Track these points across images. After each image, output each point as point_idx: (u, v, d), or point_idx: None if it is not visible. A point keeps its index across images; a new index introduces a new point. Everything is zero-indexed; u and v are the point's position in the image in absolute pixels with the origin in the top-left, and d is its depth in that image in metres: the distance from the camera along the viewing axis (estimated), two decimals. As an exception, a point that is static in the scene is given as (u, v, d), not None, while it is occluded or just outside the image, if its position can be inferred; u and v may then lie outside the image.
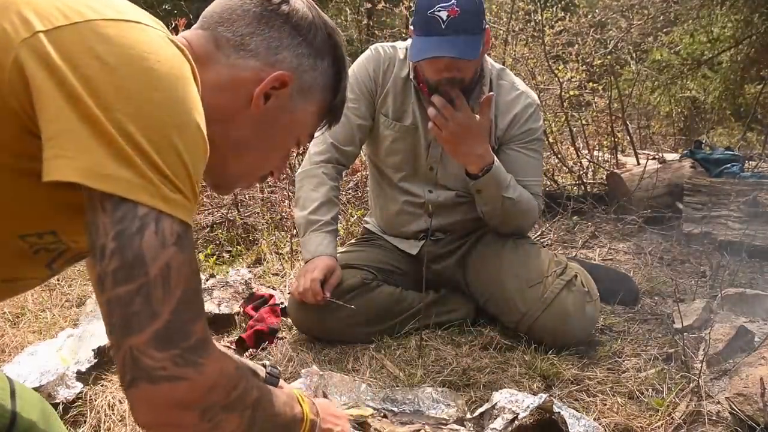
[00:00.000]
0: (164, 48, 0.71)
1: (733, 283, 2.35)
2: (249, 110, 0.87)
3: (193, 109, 0.71)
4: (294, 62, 0.88)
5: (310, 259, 1.89)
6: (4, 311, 2.19)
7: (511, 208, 1.91)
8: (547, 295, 1.85)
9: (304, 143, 1.00)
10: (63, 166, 0.64)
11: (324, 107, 0.95)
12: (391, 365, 1.78)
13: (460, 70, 1.78)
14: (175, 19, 3.30)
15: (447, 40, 1.72)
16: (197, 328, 0.69)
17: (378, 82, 1.98)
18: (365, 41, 8.29)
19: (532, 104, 1.98)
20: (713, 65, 5.99)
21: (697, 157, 3.55)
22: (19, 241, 0.75)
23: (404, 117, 1.98)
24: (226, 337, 2.00)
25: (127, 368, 0.66)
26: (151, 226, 0.66)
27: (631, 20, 5.50)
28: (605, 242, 3.07)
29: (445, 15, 1.71)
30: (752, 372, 1.48)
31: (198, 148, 0.71)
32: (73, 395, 1.56)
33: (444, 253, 2.10)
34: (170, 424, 0.70)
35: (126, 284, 0.65)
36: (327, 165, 2.00)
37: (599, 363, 1.79)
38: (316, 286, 1.81)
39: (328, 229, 1.93)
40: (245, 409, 0.77)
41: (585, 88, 4.64)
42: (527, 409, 1.34)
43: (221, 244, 3.04)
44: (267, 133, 0.90)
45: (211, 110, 0.82)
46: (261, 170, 0.97)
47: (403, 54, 1.97)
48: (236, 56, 0.86)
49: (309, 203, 1.95)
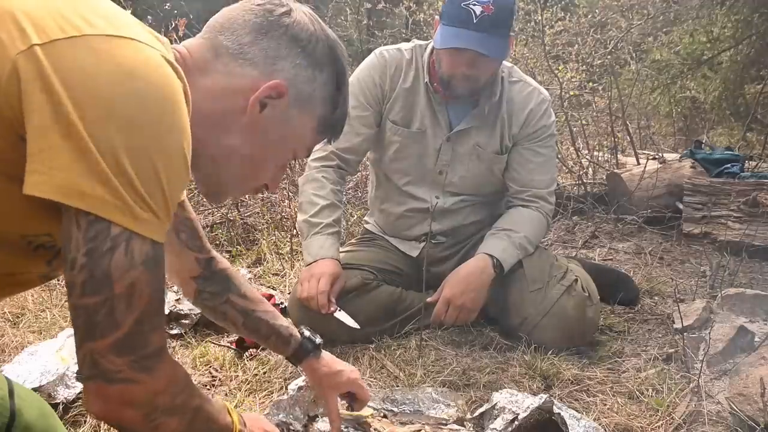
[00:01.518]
0: (156, 68, 0.72)
1: (733, 283, 2.35)
2: (244, 118, 0.87)
3: (178, 132, 0.72)
4: (291, 72, 0.88)
5: (312, 262, 1.87)
6: (4, 311, 2.19)
7: (535, 245, 1.98)
8: (547, 301, 1.85)
9: (300, 157, 1.00)
10: (40, 182, 0.66)
11: (323, 121, 0.94)
12: (391, 365, 1.78)
13: (479, 69, 1.78)
14: (176, 19, 3.30)
15: (477, 36, 1.71)
16: (155, 338, 0.74)
17: (385, 90, 1.96)
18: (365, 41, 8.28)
19: (545, 100, 1.99)
20: (713, 65, 5.99)
21: (697, 157, 3.54)
22: (18, 240, 0.76)
23: (412, 122, 1.97)
24: (226, 336, 2.00)
25: (86, 367, 0.72)
26: (121, 246, 0.69)
27: (631, 20, 5.50)
28: (605, 242, 3.07)
29: (479, 10, 1.70)
30: (752, 372, 1.48)
31: (178, 171, 0.73)
32: (73, 395, 1.56)
33: (444, 257, 2.10)
34: (117, 419, 0.76)
35: (92, 296, 0.69)
36: (328, 169, 1.99)
37: (599, 363, 1.79)
38: (324, 299, 1.79)
39: (330, 231, 1.91)
40: (185, 413, 0.82)
41: (585, 88, 4.64)
42: (527, 410, 1.34)
43: (221, 244, 3.03)
44: (261, 142, 0.90)
45: (206, 117, 0.84)
46: (254, 180, 0.97)
47: (410, 55, 1.96)
48: (234, 64, 0.87)
49: (310, 207, 1.94)
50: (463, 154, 1.97)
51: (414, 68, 1.94)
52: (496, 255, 1.89)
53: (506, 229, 1.94)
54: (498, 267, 1.88)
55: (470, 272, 1.89)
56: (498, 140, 1.96)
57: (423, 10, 5.75)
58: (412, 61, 1.95)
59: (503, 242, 1.92)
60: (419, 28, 6.07)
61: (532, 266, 1.93)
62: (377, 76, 1.95)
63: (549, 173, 2.02)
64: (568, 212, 3.38)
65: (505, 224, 1.96)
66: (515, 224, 1.95)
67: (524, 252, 1.93)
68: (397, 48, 1.98)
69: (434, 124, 1.95)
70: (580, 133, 4.40)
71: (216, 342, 1.94)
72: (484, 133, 1.95)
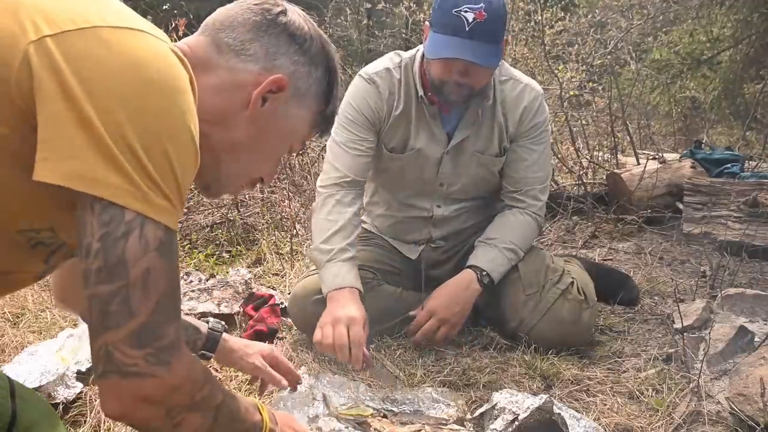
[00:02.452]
0: (164, 58, 0.74)
1: (733, 283, 2.35)
2: (246, 112, 0.90)
3: (187, 120, 0.73)
4: (291, 68, 0.91)
5: (329, 292, 1.75)
6: (4, 311, 2.19)
7: (525, 250, 1.96)
8: (542, 305, 1.85)
9: (295, 150, 1.03)
10: (51, 168, 0.67)
11: (317, 115, 0.97)
12: (391, 365, 1.78)
13: (472, 77, 1.73)
14: (176, 19, 3.30)
15: (469, 44, 1.66)
16: (171, 330, 0.73)
17: (381, 116, 1.89)
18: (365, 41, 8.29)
19: (537, 96, 1.96)
20: (713, 65, 6.00)
21: (697, 157, 3.55)
22: (17, 236, 0.77)
23: (408, 144, 1.92)
24: (226, 337, 2.00)
25: (101, 361, 0.70)
26: (135, 231, 0.69)
27: (631, 20, 5.50)
28: (605, 242, 3.07)
29: (471, 17, 1.65)
30: (752, 372, 1.48)
31: (189, 158, 0.74)
32: (73, 395, 1.56)
33: (443, 260, 2.10)
34: (136, 417, 0.74)
35: (107, 284, 0.69)
36: (340, 191, 1.87)
37: (599, 363, 1.79)
38: (360, 352, 1.61)
39: (344, 257, 1.78)
40: (208, 410, 0.80)
41: (585, 88, 4.64)
42: (527, 410, 1.34)
43: (221, 244, 3.03)
44: (261, 136, 0.93)
45: (209, 112, 0.85)
46: (253, 174, 0.99)
47: (399, 74, 1.88)
48: (236, 60, 0.89)
49: (321, 234, 1.83)
50: (463, 163, 1.95)
51: (405, 87, 1.88)
52: (484, 267, 1.88)
53: (494, 238, 1.93)
54: (486, 278, 1.87)
55: (456, 287, 1.87)
56: (496, 143, 1.94)
57: (423, 10, 5.75)
58: (402, 80, 1.88)
59: (492, 252, 1.91)
60: (419, 28, 6.07)
61: (527, 270, 1.92)
62: (373, 103, 1.87)
63: (543, 170, 2.00)
64: (568, 212, 3.38)
65: (494, 233, 1.95)
66: (504, 232, 1.94)
67: (514, 259, 1.92)
68: (386, 68, 1.89)
69: (431, 138, 1.91)
70: (580, 133, 4.40)
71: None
72: (481, 139, 1.93)
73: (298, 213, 3.22)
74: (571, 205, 3.41)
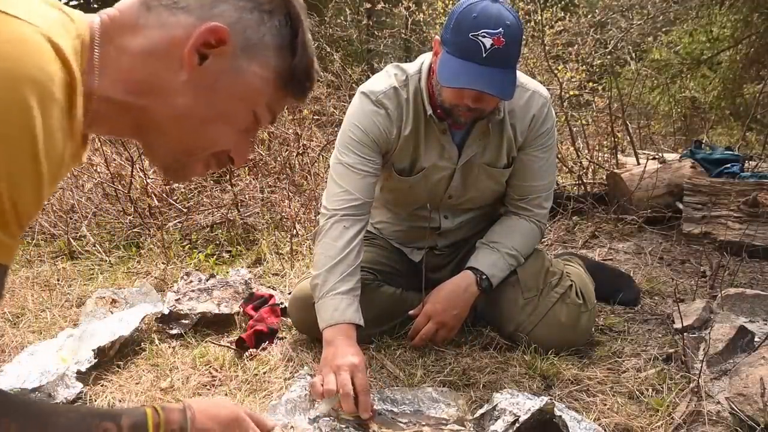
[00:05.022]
0: (19, 61, 0.62)
1: (733, 283, 2.35)
2: (183, 73, 0.78)
3: (27, 146, 0.63)
4: (234, 16, 0.78)
5: (326, 328, 1.67)
6: (4, 311, 2.19)
7: (526, 256, 1.95)
8: (540, 309, 1.85)
9: (263, 117, 0.87)
10: None
11: (281, 72, 0.84)
12: (391, 365, 1.78)
13: (485, 103, 1.68)
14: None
15: (486, 72, 1.58)
16: None
17: (390, 140, 1.83)
18: (365, 41, 8.29)
19: (545, 103, 1.90)
20: (712, 65, 6.00)
21: (697, 157, 3.55)
22: None
23: (417, 163, 1.88)
24: (226, 337, 2.00)
25: None
26: None
27: (631, 20, 5.50)
28: (605, 242, 3.07)
29: (489, 43, 1.56)
30: (752, 372, 1.48)
31: (30, 190, 0.66)
32: (73, 395, 1.56)
33: (444, 263, 2.10)
34: None
35: None
36: (344, 219, 1.78)
37: (599, 363, 1.79)
38: (368, 400, 1.49)
39: (342, 289, 1.70)
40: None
41: (585, 88, 4.64)
42: (528, 412, 1.34)
43: (221, 244, 3.04)
44: (210, 99, 0.80)
45: (141, 81, 0.77)
46: (212, 146, 0.85)
47: (406, 93, 1.81)
48: (168, 14, 0.77)
49: (324, 262, 1.75)
50: (473, 176, 1.92)
51: (413, 106, 1.82)
52: (485, 271, 1.87)
53: (497, 242, 1.92)
54: (486, 282, 1.87)
55: (454, 290, 1.87)
56: (505, 154, 1.91)
57: (423, 10, 5.76)
58: (410, 99, 1.82)
59: (493, 256, 1.90)
60: (419, 28, 6.07)
61: (526, 273, 1.92)
62: (382, 127, 1.80)
63: (548, 177, 1.98)
64: (568, 212, 3.38)
65: (497, 236, 1.94)
66: (507, 237, 1.93)
67: (515, 265, 1.92)
68: (393, 88, 1.80)
69: (441, 154, 1.88)
70: (580, 133, 4.40)
71: (216, 342, 1.94)
72: (491, 151, 1.90)
73: (298, 213, 3.22)
74: (571, 205, 3.42)
